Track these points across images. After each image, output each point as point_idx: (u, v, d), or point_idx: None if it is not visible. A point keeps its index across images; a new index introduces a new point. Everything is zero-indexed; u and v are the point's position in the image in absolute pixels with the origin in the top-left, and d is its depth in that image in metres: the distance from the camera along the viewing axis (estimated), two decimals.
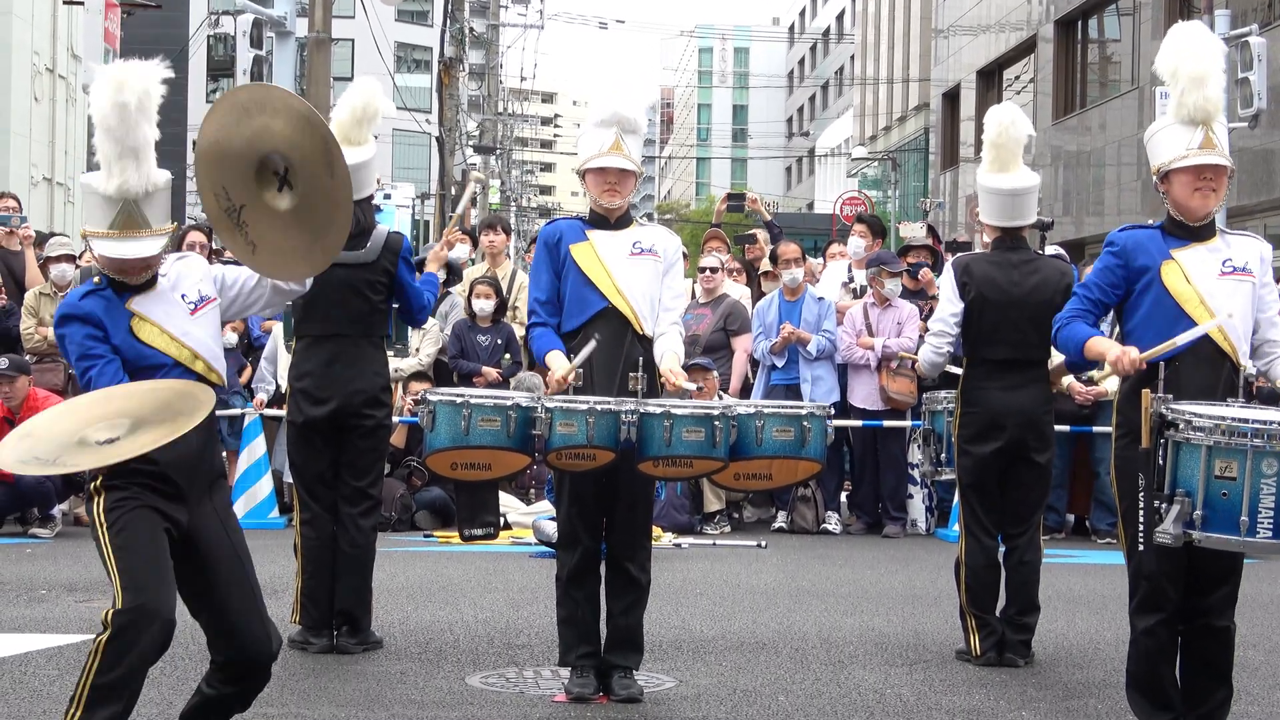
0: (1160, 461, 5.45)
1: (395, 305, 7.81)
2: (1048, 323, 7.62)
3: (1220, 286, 5.78)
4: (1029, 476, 7.68)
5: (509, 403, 6.25)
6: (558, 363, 6.38)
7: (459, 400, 6.24)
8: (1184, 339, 5.65)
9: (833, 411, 6.60)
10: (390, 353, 8.31)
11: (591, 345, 6.36)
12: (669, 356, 6.57)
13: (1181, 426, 5.40)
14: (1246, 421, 5.31)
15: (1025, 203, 7.75)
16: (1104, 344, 5.87)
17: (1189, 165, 5.78)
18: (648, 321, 6.56)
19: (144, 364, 5.33)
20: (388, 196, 7.40)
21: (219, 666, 5.31)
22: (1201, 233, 5.87)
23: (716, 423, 6.19)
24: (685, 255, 8.34)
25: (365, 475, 7.65)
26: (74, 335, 5.32)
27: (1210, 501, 5.37)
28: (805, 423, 6.34)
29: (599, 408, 6.12)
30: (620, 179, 6.57)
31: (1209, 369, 5.76)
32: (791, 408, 6.49)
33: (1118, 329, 6.15)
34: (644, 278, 6.58)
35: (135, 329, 5.35)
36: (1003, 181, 7.69)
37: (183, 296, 5.41)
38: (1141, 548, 5.50)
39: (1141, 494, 5.46)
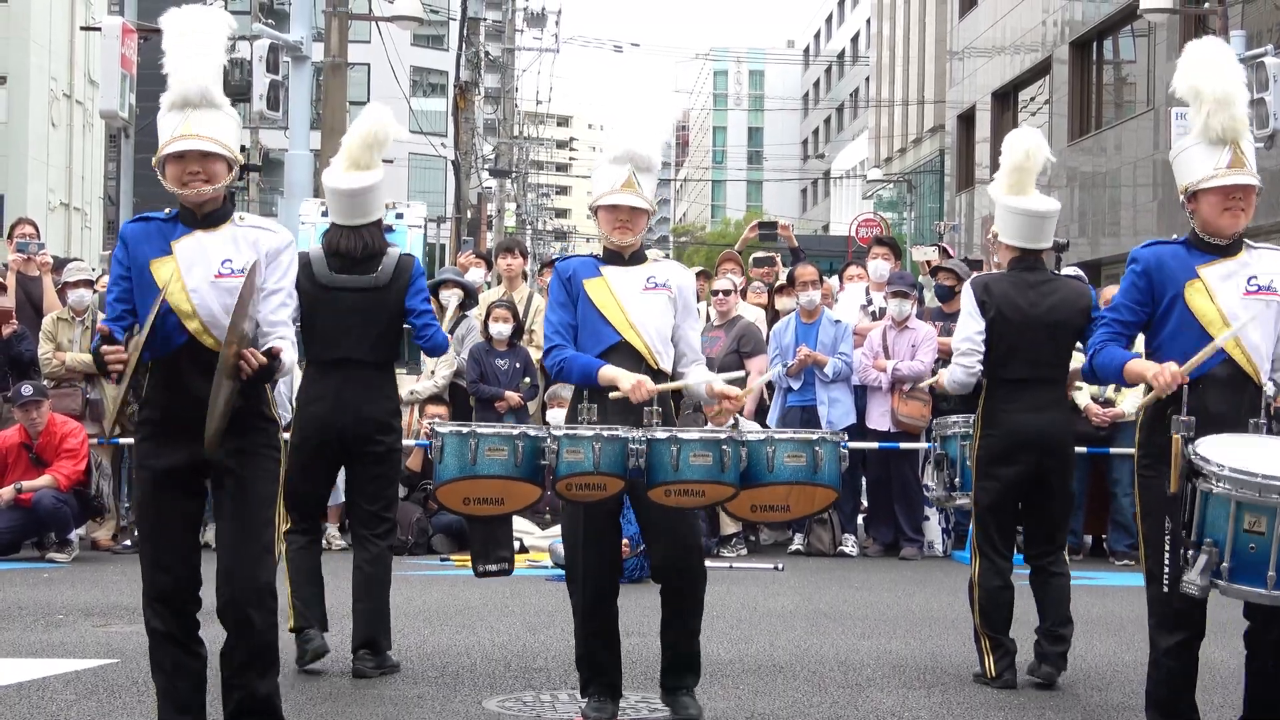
0: (1188, 507, 5.38)
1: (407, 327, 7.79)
2: (1066, 342, 7.63)
3: (1245, 306, 5.74)
4: (1053, 498, 7.64)
5: (515, 432, 6.20)
6: (629, 375, 6.30)
7: (465, 431, 6.18)
8: (1209, 350, 5.60)
9: (845, 437, 6.54)
10: (402, 370, 8.28)
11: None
12: (718, 380, 6.66)
13: (1210, 477, 5.33)
14: (1275, 479, 5.23)
15: (1048, 226, 7.74)
16: (1143, 364, 5.81)
17: (1218, 185, 5.75)
18: (661, 356, 6.52)
19: (145, 299, 5.53)
20: (399, 216, 7.36)
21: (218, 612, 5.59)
22: (1228, 249, 5.84)
23: (724, 446, 6.10)
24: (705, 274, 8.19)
25: (379, 500, 7.64)
26: (113, 260, 5.66)
27: (1238, 553, 5.30)
28: (817, 448, 6.23)
29: (605, 434, 6.06)
30: (632, 217, 6.51)
31: (1232, 391, 5.73)
32: (803, 433, 6.42)
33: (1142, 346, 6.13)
34: (656, 312, 6.54)
35: (155, 265, 5.52)
36: (1029, 203, 7.67)
37: (225, 260, 5.50)
38: (1166, 589, 5.47)
39: (1168, 534, 5.42)
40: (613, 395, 6.31)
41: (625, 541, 6.87)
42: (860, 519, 13.60)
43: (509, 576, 7.38)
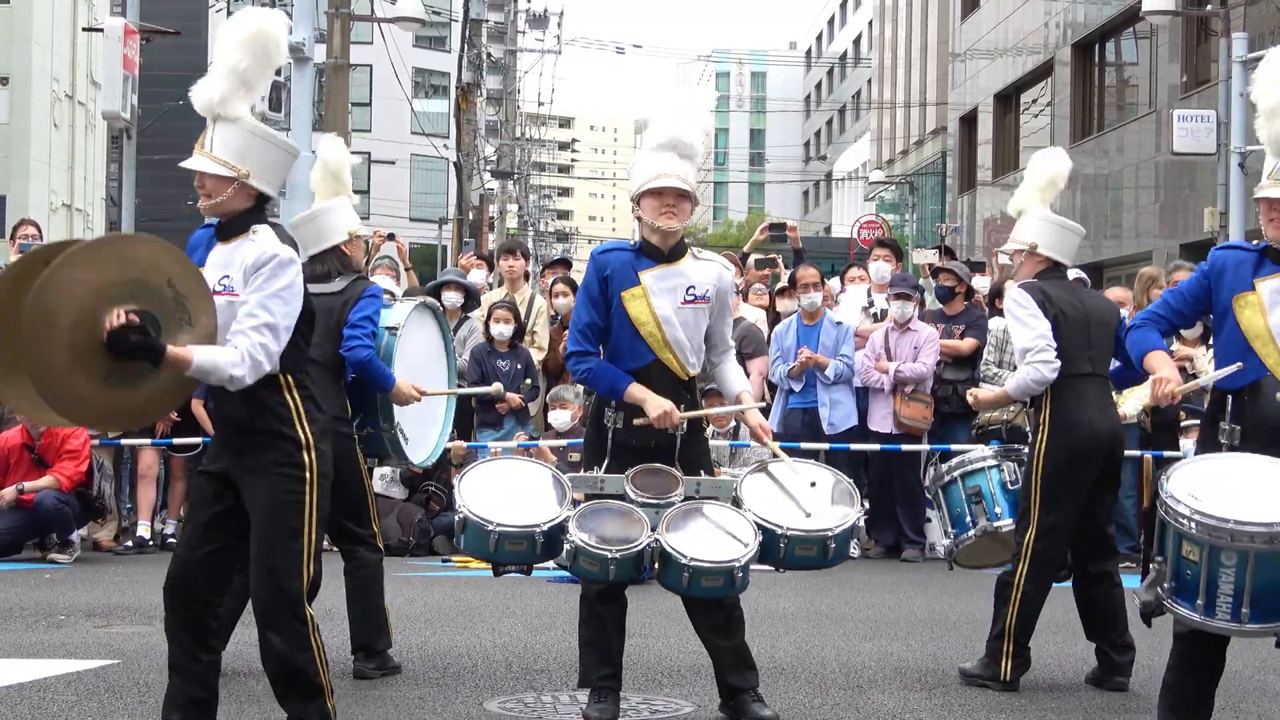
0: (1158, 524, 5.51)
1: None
2: (1112, 342, 7.60)
3: None
4: (1109, 496, 7.68)
5: (535, 530, 6.13)
6: (657, 402, 6.33)
7: (487, 527, 6.11)
8: (1206, 379, 5.69)
9: (863, 510, 6.52)
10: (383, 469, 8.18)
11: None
12: (752, 409, 6.70)
13: (1162, 502, 5.43)
14: (1206, 515, 5.28)
15: (1076, 241, 7.88)
16: (1158, 362, 5.94)
17: (1262, 197, 5.86)
18: (692, 367, 6.55)
19: None
20: (388, 306, 7.45)
21: None
22: None
23: (737, 573, 6.15)
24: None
25: (354, 514, 7.60)
26: None
27: (1178, 574, 5.41)
28: (830, 543, 6.33)
29: (618, 554, 6.03)
30: (677, 201, 6.41)
31: None
32: (818, 531, 6.35)
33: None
34: (692, 324, 6.52)
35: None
36: (1062, 219, 7.77)
37: (223, 277, 5.50)
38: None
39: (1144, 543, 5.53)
40: (638, 421, 6.36)
41: None
42: (862, 521, 13.57)
43: (510, 575, 7.36)
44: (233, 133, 5.51)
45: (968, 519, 8.06)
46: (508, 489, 6.35)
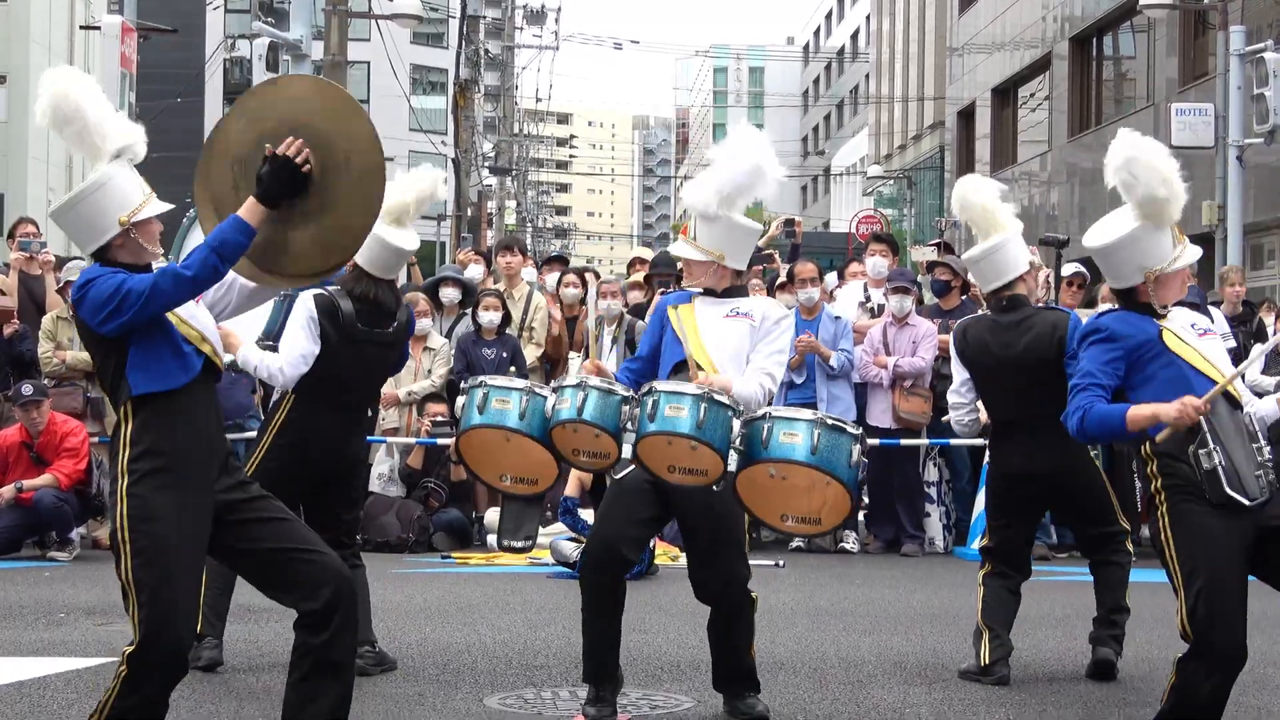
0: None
1: None
2: (1048, 379, 7.50)
3: (1205, 344, 5.83)
4: (1075, 508, 7.78)
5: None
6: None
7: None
8: (1227, 382, 5.60)
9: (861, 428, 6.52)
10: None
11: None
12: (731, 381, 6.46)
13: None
14: None
15: (998, 262, 7.64)
16: (1149, 407, 5.61)
17: (1175, 270, 5.92)
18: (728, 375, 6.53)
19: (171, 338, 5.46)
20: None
21: (301, 618, 5.33)
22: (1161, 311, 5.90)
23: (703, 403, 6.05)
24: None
25: (341, 525, 7.52)
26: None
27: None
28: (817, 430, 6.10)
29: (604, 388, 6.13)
30: (688, 266, 6.68)
31: (1233, 414, 5.75)
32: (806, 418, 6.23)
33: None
34: (734, 337, 6.52)
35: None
36: (974, 250, 7.75)
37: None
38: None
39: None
40: None
41: None
42: (861, 516, 13.59)
43: (510, 570, 7.38)
44: None
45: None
46: None
